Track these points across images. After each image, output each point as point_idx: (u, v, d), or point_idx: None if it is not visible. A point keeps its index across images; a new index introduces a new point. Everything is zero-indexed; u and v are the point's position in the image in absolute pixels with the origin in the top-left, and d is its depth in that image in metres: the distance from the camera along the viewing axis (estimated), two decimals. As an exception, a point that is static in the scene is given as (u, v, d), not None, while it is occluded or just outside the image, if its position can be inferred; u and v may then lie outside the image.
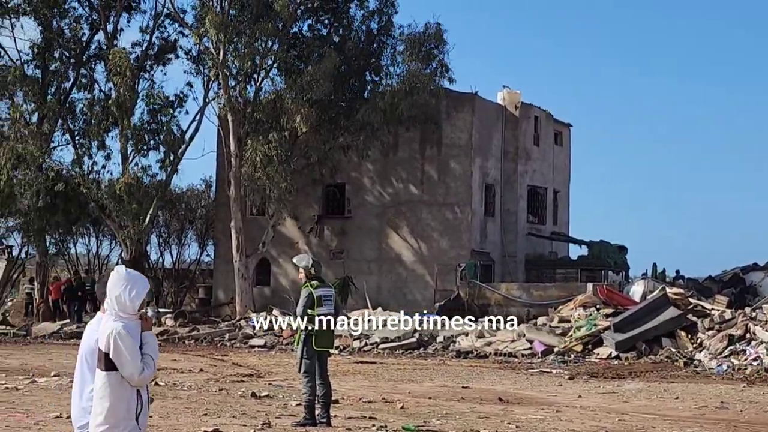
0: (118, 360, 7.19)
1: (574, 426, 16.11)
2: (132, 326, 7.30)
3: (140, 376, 7.21)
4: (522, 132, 49.21)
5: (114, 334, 7.21)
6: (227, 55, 43.05)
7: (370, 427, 15.13)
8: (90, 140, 46.99)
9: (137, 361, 7.20)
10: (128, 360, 7.18)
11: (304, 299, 15.00)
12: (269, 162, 42.69)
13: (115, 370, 7.19)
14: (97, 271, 55.79)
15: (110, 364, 7.19)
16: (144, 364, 7.24)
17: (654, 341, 31.23)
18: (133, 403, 7.24)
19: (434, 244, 45.99)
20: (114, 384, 7.20)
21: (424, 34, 43.82)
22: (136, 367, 7.19)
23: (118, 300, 7.33)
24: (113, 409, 7.20)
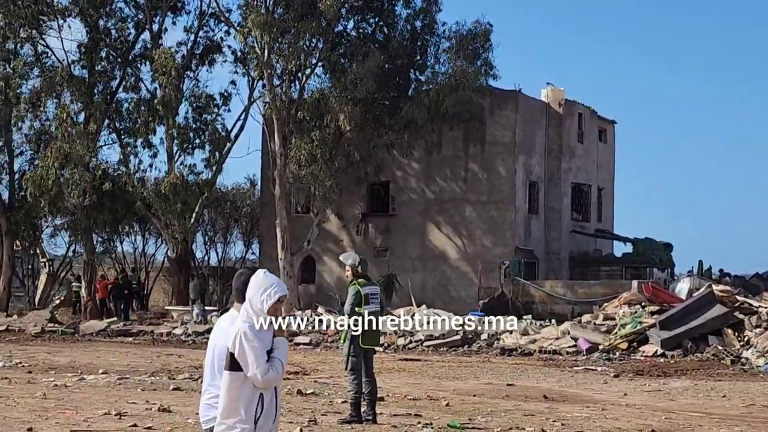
0: (242, 360, 7.12)
1: (620, 424, 16.07)
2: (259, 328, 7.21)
3: (263, 377, 7.10)
4: (566, 129, 49.07)
5: (240, 334, 7.14)
6: (272, 54, 43.22)
7: (416, 424, 15.18)
8: (136, 139, 47.39)
9: (262, 363, 7.10)
10: (252, 361, 7.09)
11: (351, 297, 15.06)
12: (313, 160, 42.86)
13: (240, 370, 7.13)
14: (143, 270, 56.22)
15: (235, 364, 7.14)
16: (271, 367, 7.13)
17: (700, 339, 31.03)
18: (252, 406, 7.14)
19: (478, 241, 45.97)
20: (236, 384, 7.14)
21: (471, 33, 43.80)
22: (260, 368, 7.09)
23: (252, 302, 7.27)
24: (231, 408, 7.14)
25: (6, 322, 41.22)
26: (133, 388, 19.55)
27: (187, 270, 48.19)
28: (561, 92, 49.33)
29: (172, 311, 44.53)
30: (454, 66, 43.56)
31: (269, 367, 7.14)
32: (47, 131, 47.31)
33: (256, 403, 7.16)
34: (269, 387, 7.21)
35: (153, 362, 26.79)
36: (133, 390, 19.25)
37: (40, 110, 47.03)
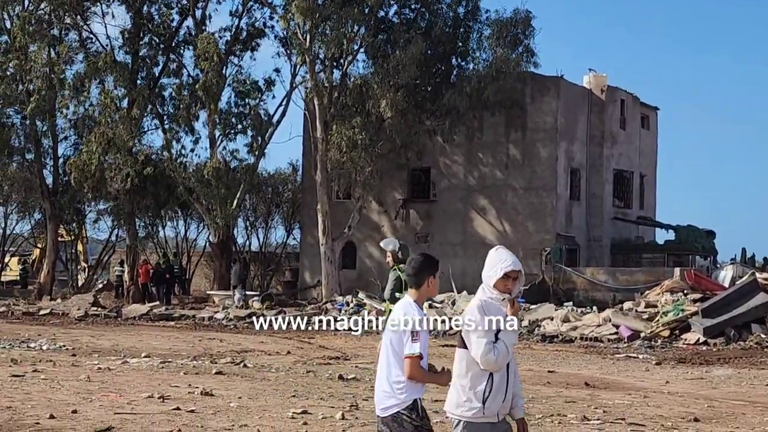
0: (467, 339, 7.04)
1: (662, 411, 16.02)
2: (492, 306, 7.11)
3: (483, 358, 6.97)
4: (608, 115, 48.83)
5: (467, 312, 7.09)
6: (314, 40, 43.28)
7: (457, 410, 15.17)
8: (178, 125, 47.61)
9: (483, 344, 6.96)
10: (474, 340, 7.00)
11: (392, 282, 15.07)
12: (354, 146, 42.92)
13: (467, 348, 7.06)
14: (184, 255, 56.54)
15: (463, 342, 7.09)
16: (492, 347, 6.98)
17: (743, 327, 30.83)
18: (481, 384, 7.06)
19: (519, 227, 45.87)
20: (464, 362, 7.09)
21: (512, 20, 43.68)
22: (481, 348, 6.96)
23: (484, 278, 7.18)
24: (460, 387, 7.11)
25: (50, 306, 41.62)
26: (176, 372, 19.68)
27: (229, 255, 48.43)
28: (603, 78, 49.08)
29: (214, 296, 44.79)
30: (496, 53, 43.46)
31: (491, 348, 6.99)
32: (91, 116, 47.62)
33: (485, 383, 7.06)
34: (492, 369, 7.06)
35: (195, 346, 26.94)
36: (175, 373, 19.38)
37: (84, 96, 47.36)
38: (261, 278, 55.22)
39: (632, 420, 14.90)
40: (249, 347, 27.25)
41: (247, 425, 13.20)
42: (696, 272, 37.47)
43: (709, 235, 48.92)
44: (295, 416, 13.91)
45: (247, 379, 18.81)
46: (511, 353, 7.08)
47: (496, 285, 7.12)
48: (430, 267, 7.38)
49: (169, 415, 13.73)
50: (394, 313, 7.35)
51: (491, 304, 7.11)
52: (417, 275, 7.32)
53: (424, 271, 7.34)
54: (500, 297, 7.12)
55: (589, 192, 48.20)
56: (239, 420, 13.54)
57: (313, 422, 13.56)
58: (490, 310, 7.07)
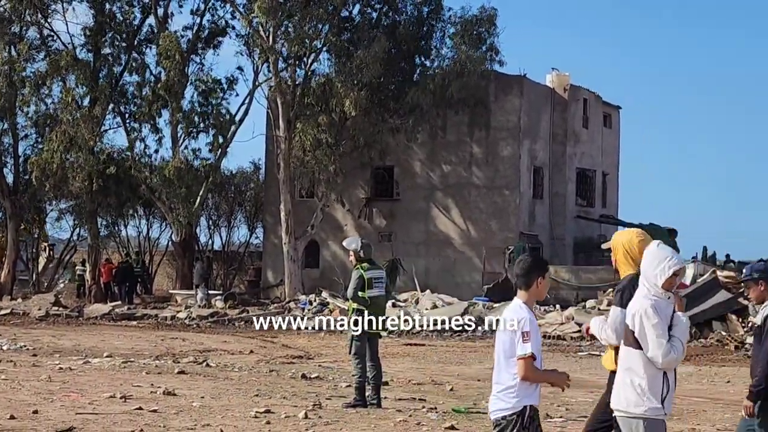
0: (642, 339, 6.99)
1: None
2: (662, 305, 7.07)
3: (665, 358, 6.98)
4: (571, 114, 49.03)
5: (640, 313, 7.01)
6: (277, 39, 43.18)
7: (420, 408, 15.19)
8: (141, 123, 47.37)
9: (662, 344, 6.95)
10: (652, 340, 6.97)
11: (354, 281, 15.04)
12: (318, 145, 42.86)
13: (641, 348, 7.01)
14: (147, 254, 56.28)
15: (637, 343, 7.03)
16: (671, 348, 6.98)
17: (704, 325, 31.02)
18: (658, 385, 7.06)
19: (482, 226, 45.96)
20: (639, 363, 7.05)
21: (476, 18, 43.75)
22: (659, 348, 6.95)
23: (646, 276, 7.13)
24: (637, 387, 7.07)
25: (10, 306, 41.26)
26: (138, 372, 19.58)
27: (191, 254, 48.25)
28: (566, 77, 49.27)
29: (176, 295, 44.60)
30: (460, 51, 43.51)
31: (670, 347, 6.98)
32: (52, 115, 47.28)
33: (661, 382, 7.07)
34: (670, 368, 7.08)
35: (157, 346, 26.83)
36: (137, 373, 19.28)
37: (45, 94, 47.05)
38: (224, 277, 55.04)
39: (595, 417, 14.92)
40: (212, 347, 27.16)
41: (209, 425, 13.13)
42: (658, 270, 37.59)
43: (670, 233, 49.10)
44: (258, 415, 13.87)
45: (210, 378, 18.74)
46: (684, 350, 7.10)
47: (663, 284, 7.11)
48: (539, 268, 7.32)
49: (131, 415, 13.66)
50: (505, 315, 7.29)
51: (661, 303, 7.09)
52: (526, 276, 7.25)
53: (533, 271, 7.27)
54: (666, 295, 7.12)
55: (551, 191, 48.38)
56: (202, 419, 13.48)
57: (276, 421, 13.52)
58: (661, 309, 7.07)
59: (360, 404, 14.93)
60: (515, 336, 7.08)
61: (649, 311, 7.00)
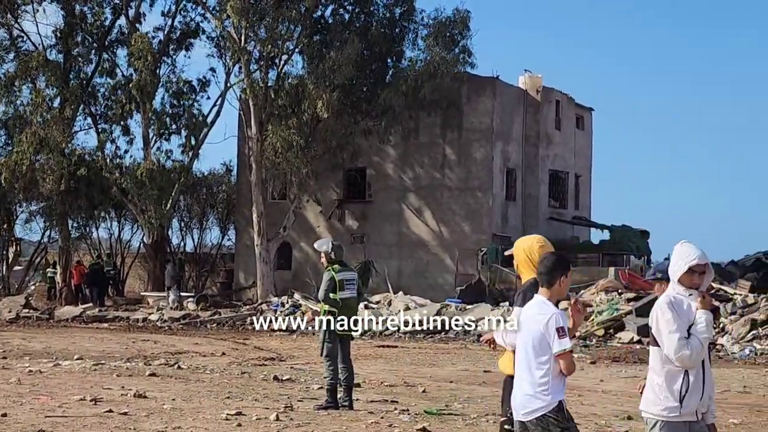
0: (658, 336, 6.94)
1: (596, 410, 16.10)
2: (681, 302, 7.00)
3: (676, 355, 6.86)
4: (543, 116, 49.10)
5: (656, 309, 6.97)
6: (249, 40, 43.07)
7: (392, 410, 15.15)
8: (112, 125, 47.17)
9: (675, 340, 6.86)
10: (666, 337, 6.89)
11: (326, 283, 14.99)
12: (290, 147, 42.75)
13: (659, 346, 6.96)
14: (118, 256, 56.01)
15: (656, 341, 6.98)
16: (687, 344, 6.86)
17: (676, 326, 31.09)
18: (677, 382, 6.95)
19: (455, 228, 45.97)
20: (658, 360, 6.99)
21: (449, 20, 43.77)
22: (673, 344, 6.85)
23: (670, 273, 7.09)
24: (656, 386, 7.02)
25: (-20, 308, 40.99)
26: (109, 374, 19.45)
27: (163, 256, 48.07)
28: (539, 79, 49.35)
29: (148, 297, 44.42)
30: (432, 53, 43.51)
31: (684, 344, 6.88)
32: (22, 116, 46.98)
33: (680, 380, 6.96)
34: (687, 366, 6.94)
35: (129, 348, 26.70)
36: (108, 376, 19.15)
37: (15, 95, 46.72)
38: (196, 279, 54.84)
39: (567, 419, 14.91)
40: (183, 349, 27.05)
41: (180, 427, 13.05)
42: (630, 272, 37.80)
43: (643, 234, 49.35)
44: (229, 418, 13.79)
45: (182, 380, 18.63)
46: (705, 349, 6.97)
47: (681, 280, 7.07)
48: (563, 267, 7.33)
49: (101, 418, 13.55)
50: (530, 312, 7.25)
51: (680, 300, 7.03)
52: (550, 274, 7.26)
53: (557, 270, 7.28)
54: (686, 292, 7.05)
55: (524, 192, 48.44)
56: (172, 422, 13.39)
57: (248, 423, 13.45)
58: (679, 305, 7.00)
59: (332, 406, 14.89)
60: (547, 333, 7.06)
61: (663, 307, 6.98)
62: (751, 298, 32.63)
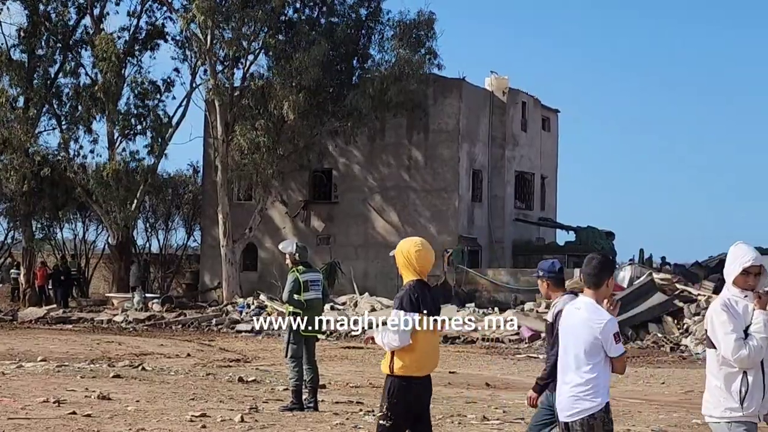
0: (713, 337, 6.90)
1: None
2: (734, 303, 6.96)
3: (736, 355, 6.81)
4: (509, 118, 49.21)
5: (710, 311, 6.93)
6: (215, 41, 42.93)
7: (357, 411, 15.14)
8: (77, 125, 46.88)
9: (731, 341, 6.80)
10: (721, 338, 6.84)
11: (290, 284, 14.97)
12: (256, 148, 42.65)
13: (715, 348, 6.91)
14: (83, 257, 55.69)
15: (712, 343, 6.94)
16: (744, 345, 6.81)
17: (641, 327, 31.32)
18: (735, 384, 6.90)
19: (421, 229, 45.92)
20: (715, 362, 6.93)
21: (415, 22, 43.77)
22: (730, 345, 6.79)
23: (725, 274, 7.04)
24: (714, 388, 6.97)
25: (-57, 310, 40.68)
26: (73, 376, 19.33)
27: (128, 257, 47.84)
28: (505, 81, 49.42)
29: (113, 298, 44.20)
30: (398, 55, 43.52)
31: (742, 345, 6.82)
32: (-15, 116, 46.61)
33: (739, 381, 6.90)
34: (746, 366, 6.89)
35: (93, 349, 26.56)
36: (72, 377, 19.04)
37: (-22, 95, 46.34)
38: (161, 280, 54.60)
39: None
40: (148, 350, 26.94)
41: (144, 429, 12.99)
42: (595, 273, 37.85)
43: (608, 236, 49.56)
44: (194, 419, 13.74)
45: (146, 382, 18.54)
46: (765, 349, 6.88)
47: (735, 282, 7.02)
48: (609, 268, 7.29)
49: (64, 420, 13.47)
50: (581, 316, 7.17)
51: (735, 301, 6.99)
52: (597, 276, 7.21)
53: (604, 272, 7.23)
54: (742, 294, 7.01)
55: (490, 194, 48.52)
56: (136, 424, 13.33)
57: (212, 425, 13.40)
58: (734, 307, 6.96)
59: (297, 407, 14.86)
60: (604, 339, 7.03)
61: (717, 309, 6.96)
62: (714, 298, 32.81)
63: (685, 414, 16.27)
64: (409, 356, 8.36)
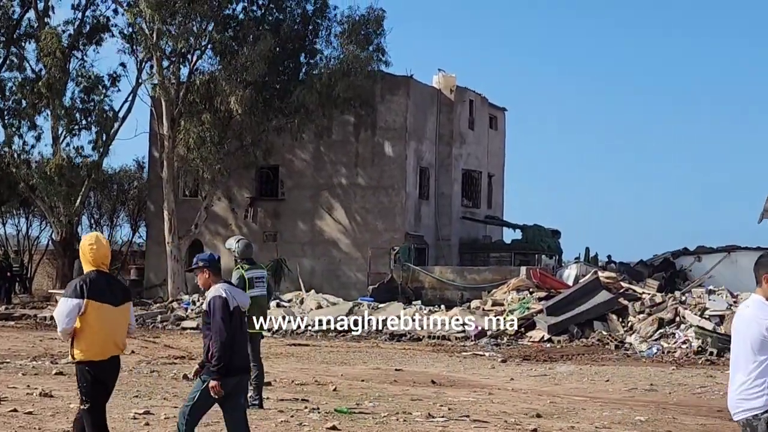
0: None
1: (506, 408, 16.19)
2: None
3: None
4: (457, 116, 49.30)
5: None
6: (161, 36, 42.61)
7: (303, 409, 15.09)
8: (20, 120, 46.38)
9: None
10: None
11: (235, 281, 14.89)
12: (203, 143, 42.42)
13: None
14: (26, 253, 55.14)
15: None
16: None
17: (586, 324, 31.49)
18: None
19: (368, 227, 45.97)
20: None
21: (364, 18, 43.71)
22: None
23: None
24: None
25: None
26: (14, 373, 19.13)
27: (72, 253, 47.35)
28: (452, 79, 49.50)
29: (56, 295, 43.70)
30: (346, 51, 43.45)
31: None
32: (-74, 110, 46.02)
33: None
34: None
35: (35, 346, 26.27)
36: (13, 375, 18.83)
37: None
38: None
39: (476, 417, 15.02)
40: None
41: (86, 427, 12.82)
42: (541, 271, 38.11)
43: (554, 234, 49.80)
44: (137, 417, 13.64)
45: (89, 379, 18.32)
46: None
47: None
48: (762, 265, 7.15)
49: (5, 417, 13.33)
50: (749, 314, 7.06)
51: None
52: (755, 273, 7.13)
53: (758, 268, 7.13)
54: None
55: (437, 191, 48.59)
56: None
57: (156, 422, 13.30)
58: None
59: (241, 405, 14.76)
60: None
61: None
62: (658, 297, 33.11)
63: (629, 411, 16.37)
64: (84, 342, 9.31)
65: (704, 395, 19.19)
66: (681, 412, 16.53)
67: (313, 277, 44.47)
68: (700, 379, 21.86)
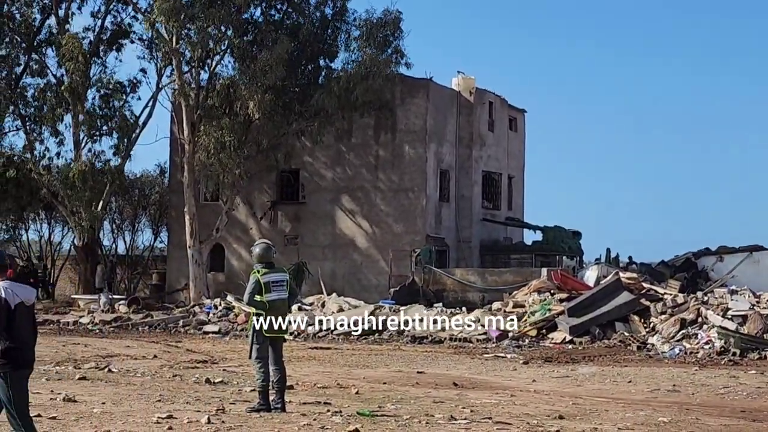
0: None
1: (529, 410, 16.17)
2: None
3: None
4: (476, 118, 49.26)
5: None
6: (180, 41, 42.76)
7: (325, 412, 15.11)
8: (42, 126, 46.60)
9: None
10: None
11: (250, 286, 14.95)
12: (222, 148, 42.51)
13: None
14: (48, 258, 55.37)
15: None
16: None
17: (607, 326, 31.43)
18: None
19: (389, 229, 45.97)
20: None
21: (381, 21, 43.71)
22: None
23: None
24: None
25: None
26: (38, 378, 19.16)
27: (94, 258, 47.60)
28: (472, 81, 49.46)
29: (79, 300, 43.93)
30: (365, 54, 43.47)
31: None
32: (-51, 117, 46.28)
33: None
34: None
35: (58, 352, 26.37)
36: (37, 380, 18.86)
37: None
38: (128, 281, 54.35)
39: (499, 419, 15.00)
40: (114, 352, 26.80)
41: (110, 431, 12.91)
42: (562, 272, 38.02)
43: (575, 235, 49.69)
44: (160, 421, 13.68)
45: (112, 384, 18.45)
46: None
47: None
48: None
49: (28, 423, 13.33)
50: None
51: None
52: None
53: None
54: None
55: (458, 193, 48.56)
56: (102, 426, 13.25)
57: (179, 426, 13.34)
58: None
59: (264, 408, 14.82)
60: None
61: None
62: (680, 297, 33.03)
63: (652, 412, 16.33)
64: None
65: (727, 396, 19.13)
66: (704, 413, 16.48)
67: (334, 280, 44.49)
68: (723, 380, 21.78)
